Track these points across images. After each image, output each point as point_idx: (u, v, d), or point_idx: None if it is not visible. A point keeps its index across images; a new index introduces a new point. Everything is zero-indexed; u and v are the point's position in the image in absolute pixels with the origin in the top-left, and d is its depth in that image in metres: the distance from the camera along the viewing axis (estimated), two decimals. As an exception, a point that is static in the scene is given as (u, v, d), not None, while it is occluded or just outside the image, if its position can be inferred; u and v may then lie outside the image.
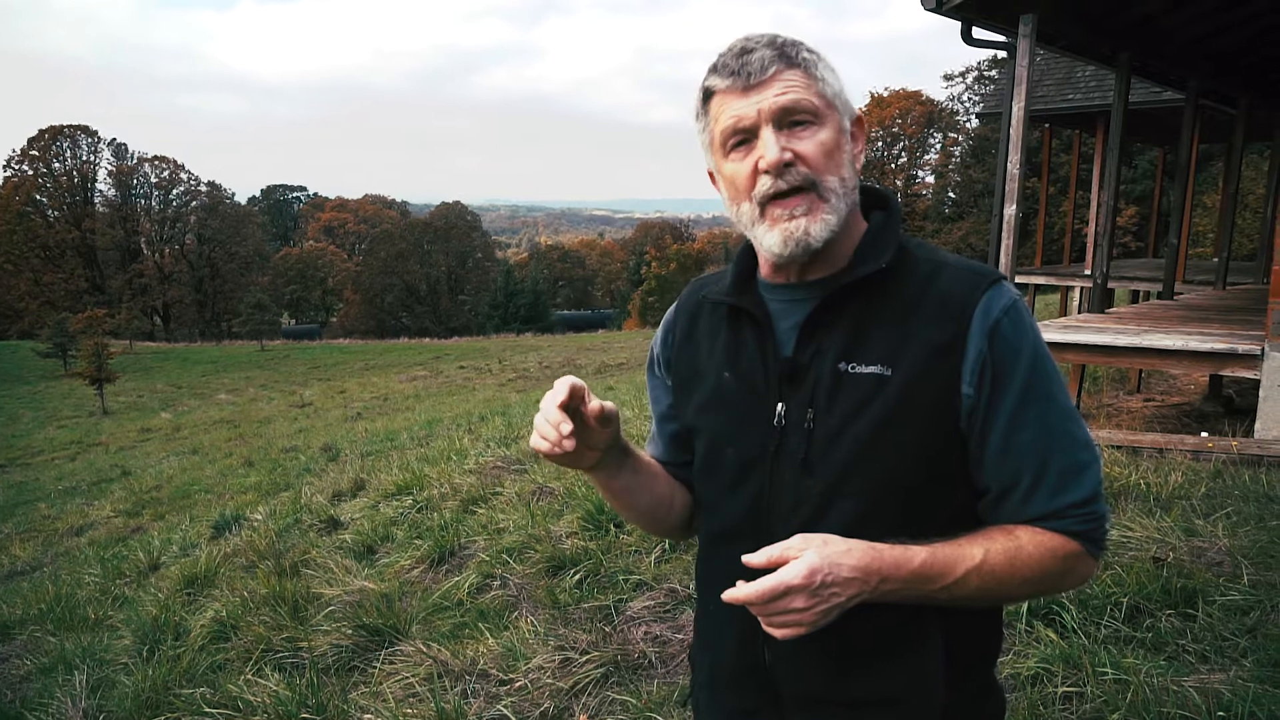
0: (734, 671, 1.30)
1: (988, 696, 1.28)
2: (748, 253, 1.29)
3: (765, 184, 1.15)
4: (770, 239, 1.17)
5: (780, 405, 1.21)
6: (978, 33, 7.01)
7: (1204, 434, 5.91)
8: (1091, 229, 13.44)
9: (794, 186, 1.15)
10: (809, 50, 1.18)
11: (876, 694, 1.20)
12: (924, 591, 1.11)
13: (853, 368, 1.17)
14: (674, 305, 1.42)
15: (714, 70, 1.18)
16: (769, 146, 1.13)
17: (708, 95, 1.19)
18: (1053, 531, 1.15)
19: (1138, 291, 12.94)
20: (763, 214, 1.17)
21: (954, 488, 1.19)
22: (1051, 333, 6.23)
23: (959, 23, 6.89)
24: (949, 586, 1.11)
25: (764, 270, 1.27)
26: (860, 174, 1.24)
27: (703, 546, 1.39)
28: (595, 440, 1.23)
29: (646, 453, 1.44)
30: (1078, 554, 1.16)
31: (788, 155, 1.13)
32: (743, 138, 1.16)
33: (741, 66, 1.15)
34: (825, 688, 1.22)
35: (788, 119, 1.14)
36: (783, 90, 1.13)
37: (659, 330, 1.43)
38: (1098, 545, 1.18)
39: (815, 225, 1.15)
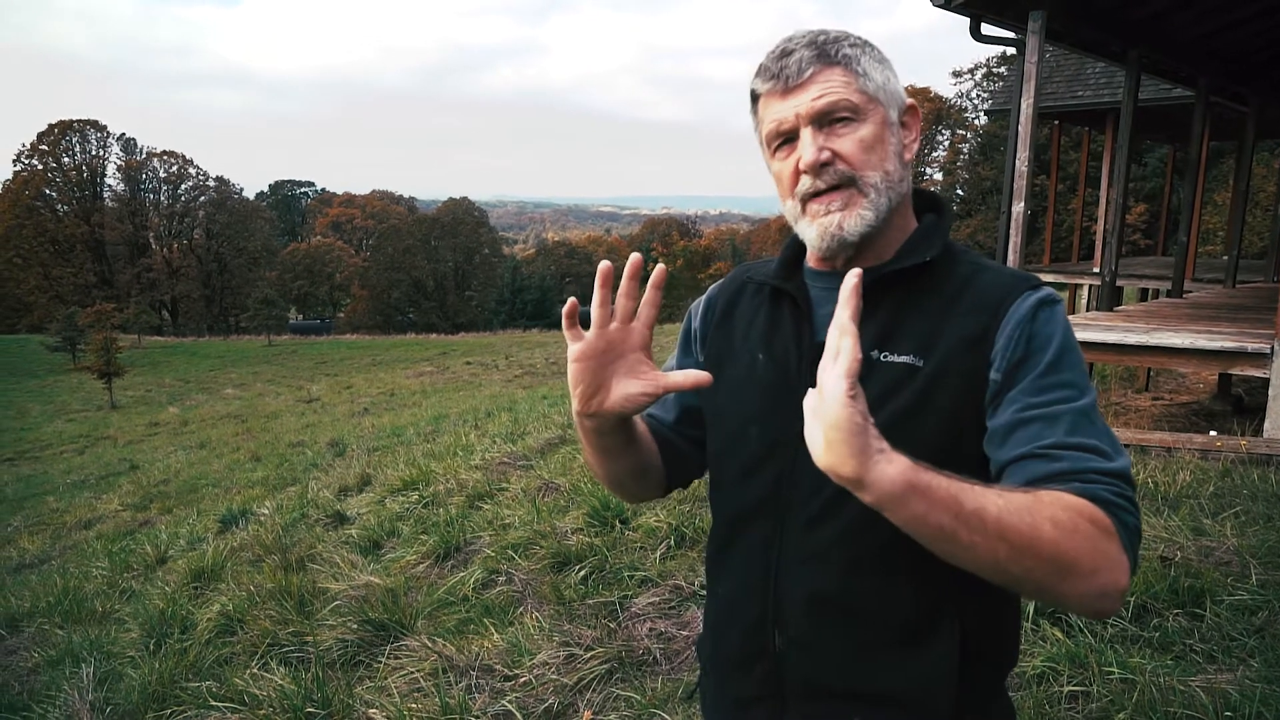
0: (741, 657, 1.29)
1: (997, 706, 1.26)
2: (797, 239, 1.30)
3: (805, 183, 1.18)
4: (809, 233, 1.21)
5: (811, 390, 1.21)
6: (986, 29, 6.98)
7: (1212, 433, 5.89)
8: (1100, 227, 13.39)
9: (832, 184, 1.17)
10: (852, 45, 1.19)
11: (885, 690, 1.19)
12: (947, 495, 0.94)
13: (885, 356, 1.17)
14: (717, 283, 1.44)
15: (758, 73, 1.21)
16: (806, 148, 1.16)
17: (755, 97, 1.23)
18: (1076, 494, 1.00)
19: (1147, 289, 12.88)
20: (804, 210, 1.20)
21: (975, 477, 1.17)
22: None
23: (967, 19, 6.86)
24: (973, 498, 0.95)
25: (810, 258, 1.29)
26: (909, 164, 1.24)
27: (718, 528, 1.37)
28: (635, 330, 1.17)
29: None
30: (1105, 527, 0.98)
31: (825, 155, 1.16)
32: (785, 139, 1.20)
33: (780, 69, 1.17)
34: (834, 678, 1.21)
35: (827, 119, 1.17)
36: (820, 93, 1.16)
37: (700, 305, 1.43)
38: (1128, 530, 1.01)
39: (850, 220, 1.17)
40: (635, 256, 1.13)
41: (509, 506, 5.30)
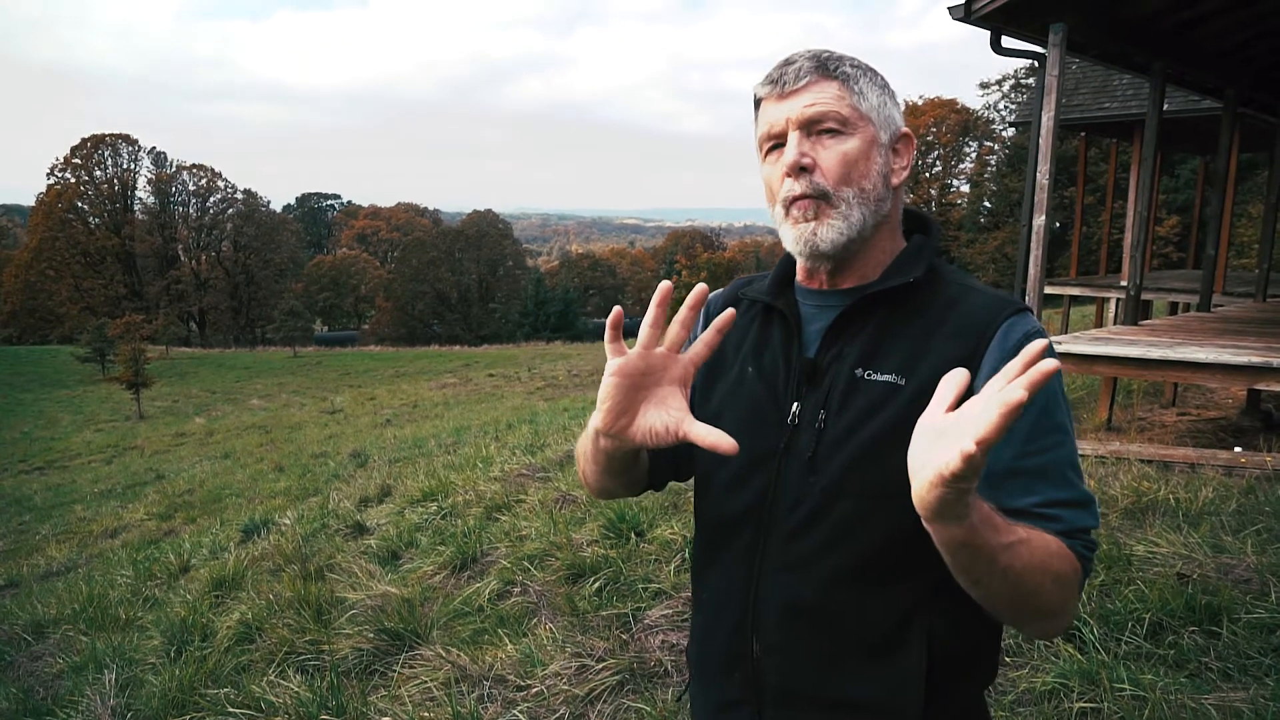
0: (723, 660, 1.31)
1: (971, 718, 1.27)
2: (789, 257, 1.33)
3: (787, 186, 1.21)
4: (788, 237, 1.24)
5: (796, 405, 1.23)
6: (1007, 42, 6.95)
7: (1238, 449, 5.81)
8: (1127, 240, 13.26)
9: (806, 193, 1.20)
10: (853, 65, 1.22)
11: (855, 698, 1.20)
12: (991, 544, 0.99)
13: (868, 374, 1.19)
14: (716, 292, 1.46)
15: (762, 79, 1.26)
16: (789, 149, 1.20)
17: (756, 102, 1.27)
18: (1066, 549, 1.10)
19: (1176, 303, 12.73)
20: (786, 214, 1.23)
21: None
22: (1082, 344, 6.15)
23: (988, 32, 6.85)
24: (1010, 547, 1.00)
25: (799, 274, 1.32)
26: (899, 189, 1.26)
27: (702, 534, 1.39)
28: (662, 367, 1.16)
29: None
30: (1080, 582, 1.11)
31: (805, 160, 1.19)
32: (776, 143, 1.23)
33: (780, 75, 1.22)
34: (809, 684, 1.22)
35: (815, 127, 1.20)
36: (812, 101, 1.19)
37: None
38: (1085, 579, 1.16)
39: (822, 229, 1.20)
40: (700, 287, 1.14)
41: (526, 518, 5.32)
